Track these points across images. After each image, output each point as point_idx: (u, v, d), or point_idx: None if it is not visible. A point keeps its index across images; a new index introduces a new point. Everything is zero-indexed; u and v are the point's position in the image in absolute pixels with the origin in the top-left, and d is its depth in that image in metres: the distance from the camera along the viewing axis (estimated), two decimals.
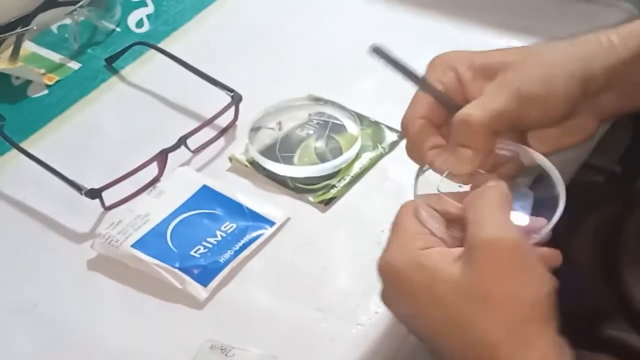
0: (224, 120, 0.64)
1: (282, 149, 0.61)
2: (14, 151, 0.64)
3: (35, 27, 0.75)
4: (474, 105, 0.46)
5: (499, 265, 0.40)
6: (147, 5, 0.79)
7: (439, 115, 0.48)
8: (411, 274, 0.42)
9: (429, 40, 0.71)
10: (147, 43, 0.72)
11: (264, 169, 0.60)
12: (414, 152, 0.49)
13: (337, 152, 0.61)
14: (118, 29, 0.76)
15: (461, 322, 0.40)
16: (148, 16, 0.78)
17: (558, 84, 0.46)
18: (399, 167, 0.60)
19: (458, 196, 0.45)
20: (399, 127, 0.62)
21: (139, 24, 0.77)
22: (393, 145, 0.62)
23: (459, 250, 0.42)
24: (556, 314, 0.42)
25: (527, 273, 0.41)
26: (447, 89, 0.48)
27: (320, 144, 0.62)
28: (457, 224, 0.44)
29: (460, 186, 0.46)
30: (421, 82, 0.48)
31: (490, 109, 0.45)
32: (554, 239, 0.63)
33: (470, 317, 0.40)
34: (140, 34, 0.76)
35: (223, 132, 0.64)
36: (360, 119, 0.63)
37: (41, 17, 0.76)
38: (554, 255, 0.46)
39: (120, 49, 0.72)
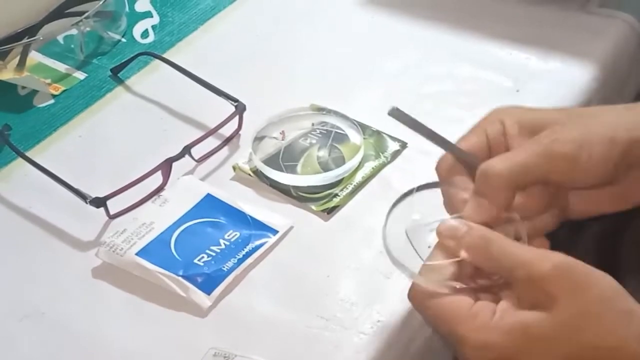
0: (227, 130, 0.64)
1: (285, 158, 0.62)
2: (20, 160, 0.64)
3: (41, 38, 0.75)
4: (500, 157, 0.46)
5: (580, 283, 0.41)
6: (152, 16, 0.80)
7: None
8: (511, 345, 0.41)
9: (430, 50, 0.72)
10: (152, 53, 0.73)
11: (267, 177, 0.61)
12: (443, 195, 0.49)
13: (340, 161, 0.61)
14: (124, 40, 0.77)
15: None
16: (153, 27, 0.78)
17: (593, 146, 0.45)
18: (402, 176, 0.61)
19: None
20: (401, 137, 0.63)
21: (145, 34, 0.78)
22: (395, 154, 0.62)
23: (507, 300, 0.42)
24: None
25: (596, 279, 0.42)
26: (491, 141, 0.48)
27: (323, 153, 0.62)
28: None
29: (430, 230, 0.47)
30: (441, 142, 0.49)
31: (514, 162, 0.45)
32: (555, 248, 0.63)
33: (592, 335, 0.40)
34: (146, 44, 0.77)
35: (227, 141, 0.65)
36: (363, 128, 0.63)
37: (48, 28, 0.77)
38: None
39: (126, 59, 0.73)
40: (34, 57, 0.76)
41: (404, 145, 0.63)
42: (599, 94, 0.68)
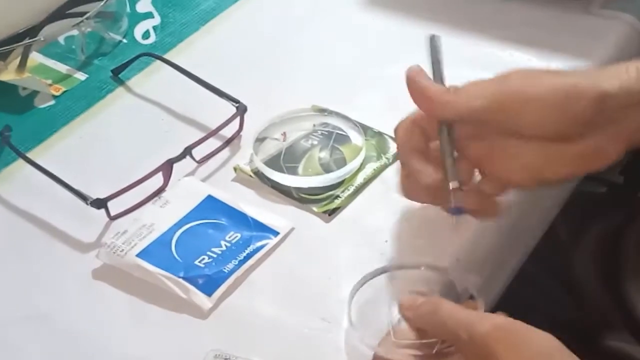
0: (229, 131, 0.64)
1: (287, 159, 0.62)
2: (21, 161, 0.64)
3: (42, 39, 0.75)
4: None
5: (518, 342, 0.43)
6: (153, 17, 0.79)
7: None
8: None
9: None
10: (153, 54, 0.73)
11: (269, 179, 0.61)
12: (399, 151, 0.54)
13: (341, 162, 0.61)
14: (125, 41, 0.77)
15: None
16: (154, 28, 0.78)
17: (556, 94, 0.48)
18: None
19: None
20: None
21: (146, 35, 0.78)
22: (397, 155, 0.62)
23: None
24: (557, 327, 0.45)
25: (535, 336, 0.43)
26: None
27: (324, 154, 0.62)
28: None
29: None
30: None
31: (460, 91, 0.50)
32: (557, 249, 0.63)
33: None
34: (147, 45, 0.76)
35: (228, 142, 0.65)
36: (364, 129, 0.63)
37: (49, 29, 0.77)
38: None
39: (127, 60, 0.73)
40: (35, 58, 0.76)
41: None
42: None
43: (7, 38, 0.75)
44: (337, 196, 0.59)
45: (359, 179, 0.60)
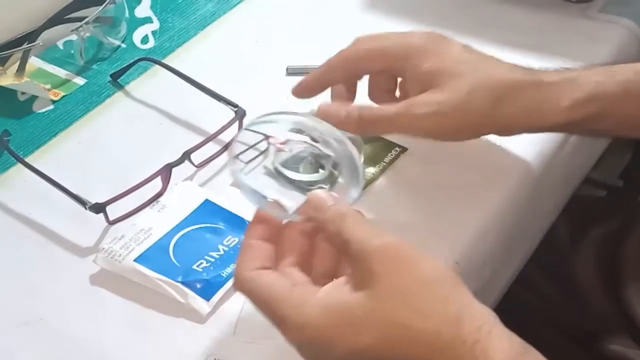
0: (227, 135, 0.64)
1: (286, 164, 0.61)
2: (19, 166, 0.64)
3: (41, 43, 0.75)
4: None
5: (401, 267, 0.40)
6: (152, 22, 0.80)
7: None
8: (328, 323, 0.40)
9: None
10: (152, 59, 0.73)
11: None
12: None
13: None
14: (123, 45, 0.77)
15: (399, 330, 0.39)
16: (153, 32, 0.78)
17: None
18: (401, 181, 0.61)
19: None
20: (401, 142, 0.63)
21: (144, 40, 0.78)
22: (395, 159, 0.62)
23: (343, 278, 0.42)
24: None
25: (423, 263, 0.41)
26: None
27: (323, 159, 0.62)
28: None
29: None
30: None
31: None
32: (557, 253, 0.63)
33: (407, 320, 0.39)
34: (146, 50, 0.76)
35: (227, 146, 0.64)
36: None
37: (47, 34, 0.77)
38: None
39: (126, 64, 0.73)
40: (34, 62, 0.76)
41: (403, 150, 0.63)
42: None
43: (5, 43, 0.75)
44: None
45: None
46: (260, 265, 0.44)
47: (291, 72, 0.71)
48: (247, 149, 0.50)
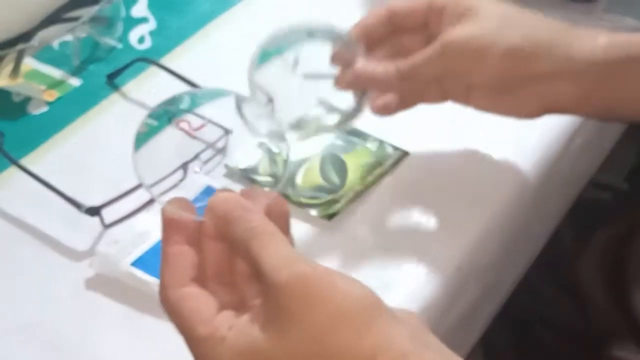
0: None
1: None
2: (14, 168, 0.63)
3: (36, 44, 0.74)
4: None
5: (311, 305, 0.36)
6: (148, 22, 0.79)
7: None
8: None
9: None
10: (149, 59, 0.72)
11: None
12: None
13: (342, 169, 0.60)
14: (120, 46, 0.76)
15: None
16: (150, 32, 0.77)
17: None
18: (403, 185, 0.60)
19: None
20: (403, 146, 0.62)
21: (141, 40, 0.77)
22: (397, 163, 0.61)
23: (251, 311, 0.37)
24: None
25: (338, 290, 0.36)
26: None
27: (324, 162, 0.61)
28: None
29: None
30: None
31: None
32: (561, 257, 0.61)
33: None
34: (142, 50, 0.75)
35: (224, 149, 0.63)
36: (365, 136, 0.62)
37: (42, 34, 0.76)
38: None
39: (122, 65, 0.72)
40: (29, 63, 0.75)
41: (405, 154, 0.62)
42: None
43: (0, 43, 0.74)
44: (337, 201, 0.58)
45: (359, 186, 0.60)
46: (184, 279, 0.39)
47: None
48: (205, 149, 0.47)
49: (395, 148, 0.62)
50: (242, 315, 0.38)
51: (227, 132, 0.60)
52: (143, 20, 0.79)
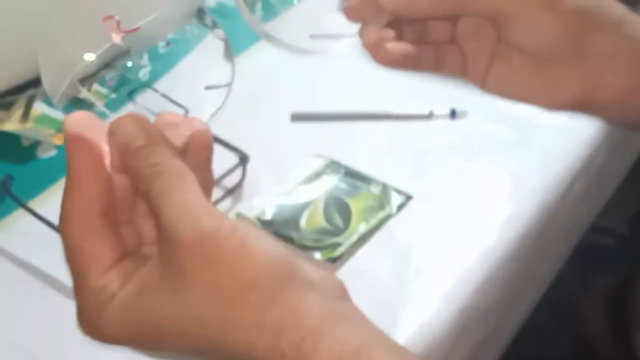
0: (231, 181, 0.64)
1: (290, 212, 0.61)
2: (21, 210, 0.63)
3: (46, 89, 0.75)
4: None
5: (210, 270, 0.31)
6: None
7: None
8: (124, 336, 0.33)
9: (435, 102, 0.72)
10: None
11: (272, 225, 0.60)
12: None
13: (346, 212, 0.60)
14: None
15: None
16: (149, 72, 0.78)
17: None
18: (406, 228, 0.60)
19: None
20: (406, 190, 0.63)
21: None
22: (400, 207, 0.62)
23: (152, 264, 0.33)
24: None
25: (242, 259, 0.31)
26: None
27: (328, 205, 0.62)
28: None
29: None
30: None
31: None
32: (565, 300, 0.61)
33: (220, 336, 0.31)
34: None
35: (230, 192, 0.64)
36: (368, 180, 0.63)
37: None
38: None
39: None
40: (39, 108, 0.76)
41: (409, 197, 0.62)
42: (605, 147, 0.67)
43: (11, 88, 0.75)
44: (340, 244, 0.59)
45: (362, 229, 0.60)
46: (90, 212, 0.34)
47: (295, 118, 0.71)
48: None
49: (399, 192, 0.63)
50: (141, 267, 0.33)
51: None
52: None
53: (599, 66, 0.42)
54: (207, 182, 0.37)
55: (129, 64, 0.39)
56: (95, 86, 0.35)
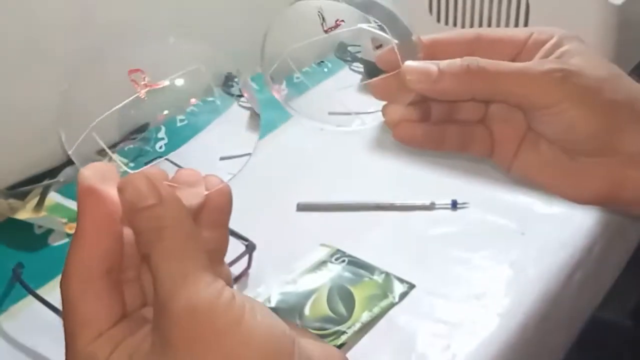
0: (237, 268, 0.65)
1: (295, 300, 0.62)
2: (30, 298, 0.64)
3: (61, 179, 0.77)
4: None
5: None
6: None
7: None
8: None
9: (436, 194, 0.73)
10: None
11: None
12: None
13: (350, 301, 0.61)
14: None
15: None
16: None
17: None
18: (409, 317, 0.61)
19: None
20: (408, 278, 0.63)
21: None
22: (403, 295, 0.62)
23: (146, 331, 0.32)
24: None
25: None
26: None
27: (332, 294, 0.62)
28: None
29: None
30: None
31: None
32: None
33: None
34: None
35: (236, 279, 0.65)
36: (372, 269, 0.64)
37: (68, 171, 0.79)
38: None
39: None
40: (53, 197, 0.78)
41: (411, 286, 0.63)
42: (603, 237, 0.68)
43: (27, 178, 0.77)
44: (344, 332, 0.59)
45: (365, 317, 0.60)
46: (93, 270, 0.33)
47: (301, 208, 0.73)
48: None
49: (402, 280, 0.63)
50: (135, 331, 0.32)
51: None
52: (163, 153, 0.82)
53: (627, 162, 0.40)
54: (222, 242, 0.36)
55: (147, 136, 0.40)
56: (115, 156, 0.36)
